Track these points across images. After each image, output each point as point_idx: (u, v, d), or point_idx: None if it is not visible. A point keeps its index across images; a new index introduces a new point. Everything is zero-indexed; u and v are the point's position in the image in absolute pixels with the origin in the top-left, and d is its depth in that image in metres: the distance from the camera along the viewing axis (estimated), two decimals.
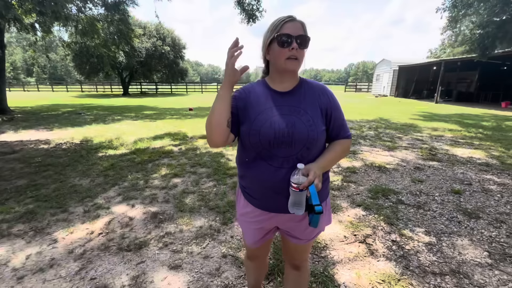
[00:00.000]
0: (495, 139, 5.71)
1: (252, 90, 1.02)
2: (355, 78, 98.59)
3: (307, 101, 0.97)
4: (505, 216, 2.46)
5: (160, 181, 3.31)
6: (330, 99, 1.00)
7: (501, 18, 6.91)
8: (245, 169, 1.02)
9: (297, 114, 0.94)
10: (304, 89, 1.00)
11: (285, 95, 0.98)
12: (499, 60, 14.96)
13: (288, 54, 0.90)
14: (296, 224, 1.05)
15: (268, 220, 1.05)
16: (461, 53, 22.79)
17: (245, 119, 0.97)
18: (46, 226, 2.29)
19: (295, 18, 0.92)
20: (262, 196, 1.00)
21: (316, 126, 0.93)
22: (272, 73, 1.01)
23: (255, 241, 1.15)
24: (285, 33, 0.89)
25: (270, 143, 0.91)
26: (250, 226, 1.11)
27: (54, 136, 5.90)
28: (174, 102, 16.05)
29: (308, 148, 0.92)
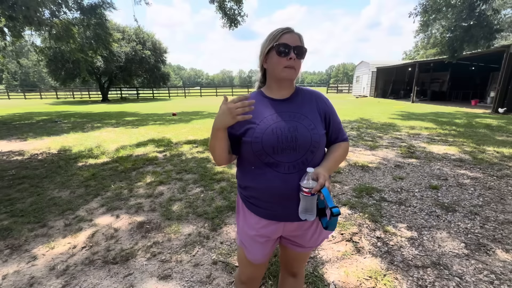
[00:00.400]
0: (467, 135, 6.07)
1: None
2: (336, 79, 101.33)
3: (305, 106, 0.99)
4: (478, 208, 2.63)
5: (145, 189, 3.24)
6: (326, 104, 1.04)
7: (467, 23, 7.43)
8: (250, 179, 0.99)
9: (298, 119, 0.95)
10: (301, 95, 1.03)
11: (283, 102, 1.00)
12: (468, 61, 15.97)
13: (286, 63, 0.93)
14: (303, 232, 1.04)
15: (275, 230, 1.01)
16: (433, 55, 24.09)
17: (246, 130, 0.96)
18: (23, 243, 2.16)
19: (293, 30, 0.96)
20: (270, 204, 0.96)
21: (317, 130, 0.95)
22: (269, 81, 1.03)
23: (263, 254, 1.07)
24: (284, 43, 0.92)
25: (273, 150, 0.91)
26: (257, 240, 1.04)
27: (29, 147, 5.60)
28: (156, 108, 15.72)
29: (312, 151, 0.93)
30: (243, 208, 1.07)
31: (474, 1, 7.65)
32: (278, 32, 0.94)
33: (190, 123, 8.70)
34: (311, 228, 1.03)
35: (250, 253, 1.06)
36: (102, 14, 10.90)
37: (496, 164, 3.96)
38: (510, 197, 2.87)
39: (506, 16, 28.10)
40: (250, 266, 1.13)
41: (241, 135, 0.97)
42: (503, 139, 5.69)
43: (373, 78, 22.12)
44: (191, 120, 9.32)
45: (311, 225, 1.03)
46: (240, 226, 1.09)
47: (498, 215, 2.49)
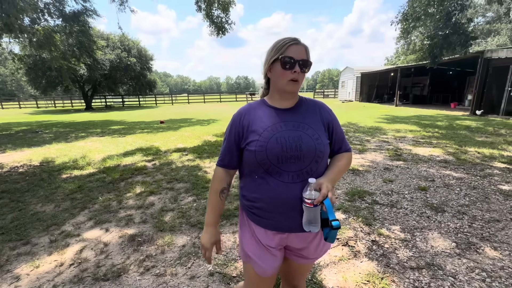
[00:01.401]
0: (449, 137, 6.33)
1: (252, 109, 1.02)
2: (322, 85, 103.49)
3: (309, 116, 0.99)
4: (466, 208, 2.73)
5: (135, 200, 3.14)
6: (330, 114, 1.04)
7: (445, 32, 7.87)
8: (253, 189, 0.98)
9: (302, 128, 0.95)
10: (305, 105, 1.02)
11: (287, 112, 0.99)
12: (446, 66, 16.77)
13: (290, 76, 0.92)
14: (307, 244, 1.01)
15: (280, 241, 0.99)
16: (413, 60, 25.14)
17: (250, 137, 0.96)
18: (5, 263, 2.03)
19: (299, 41, 0.94)
20: (274, 215, 0.94)
21: (321, 140, 0.95)
22: (272, 91, 1.02)
23: (274, 267, 1.02)
24: (289, 56, 0.91)
25: (278, 159, 0.90)
26: (266, 254, 1.00)
27: (8, 159, 5.32)
28: (143, 115, 15.43)
29: (316, 161, 0.92)
30: (248, 220, 1.03)
31: (450, 11, 8.11)
32: (285, 43, 0.92)
33: (178, 130, 8.58)
34: (316, 239, 1.01)
35: (260, 267, 1.00)
36: (86, 21, 10.69)
37: (478, 164, 4.13)
38: (493, 196, 2.99)
39: (479, 24, 29.89)
40: (260, 282, 1.06)
41: (246, 145, 0.96)
42: (483, 139, 5.97)
43: (358, 83, 22.77)
44: (179, 128, 9.20)
45: (315, 236, 1.01)
46: (247, 238, 1.03)
47: (484, 214, 2.59)
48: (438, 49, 8.55)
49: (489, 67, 10.80)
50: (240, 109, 1.04)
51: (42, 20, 9.09)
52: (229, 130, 1.02)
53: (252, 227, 1.01)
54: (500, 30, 31.27)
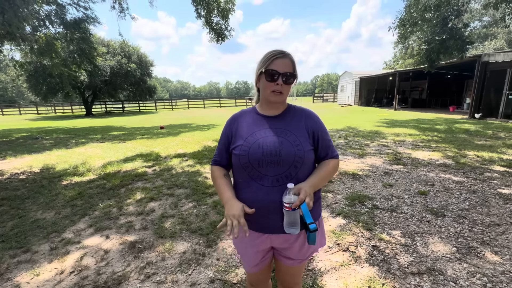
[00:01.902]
0: (448, 141, 6.35)
1: (243, 116, 1.12)
2: (321, 89, 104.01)
3: (293, 123, 1.04)
4: (466, 212, 2.73)
5: (135, 206, 3.14)
6: (316, 122, 1.07)
7: (441, 37, 7.98)
8: (238, 191, 1.04)
9: (284, 135, 1.00)
10: (291, 113, 1.08)
11: (273, 119, 1.06)
12: (444, 70, 16.90)
13: (273, 87, 0.99)
14: (290, 245, 1.06)
15: (263, 242, 1.06)
16: (411, 64, 25.31)
17: (236, 142, 1.04)
18: (5, 271, 2.02)
19: (285, 54, 0.99)
20: (257, 218, 0.99)
21: (302, 146, 0.99)
22: (261, 100, 1.10)
23: (254, 265, 1.14)
24: (273, 69, 0.97)
25: (258, 163, 0.96)
26: (248, 251, 1.11)
27: (8, 166, 5.33)
28: (143, 121, 15.48)
29: (295, 166, 0.96)
30: None
31: (447, 16, 8.21)
32: (270, 57, 0.98)
33: (178, 136, 8.61)
34: (298, 241, 1.05)
35: (244, 263, 1.16)
36: (86, 28, 10.80)
37: (478, 168, 4.14)
38: (493, 200, 3.00)
39: (476, 28, 30.20)
40: (251, 276, 1.20)
41: (232, 149, 1.05)
42: (482, 143, 5.99)
43: (357, 87, 22.90)
44: (179, 133, 9.23)
45: (298, 238, 1.05)
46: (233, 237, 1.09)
47: (484, 218, 2.59)
48: (435, 53, 8.65)
49: (486, 71, 10.88)
50: (233, 114, 1.15)
51: (44, 28, 9.19)
52: (222, 134, 1.13)
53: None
54: (497, 34, 31.60)
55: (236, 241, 1.14)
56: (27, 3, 6.56)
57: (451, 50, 8.20)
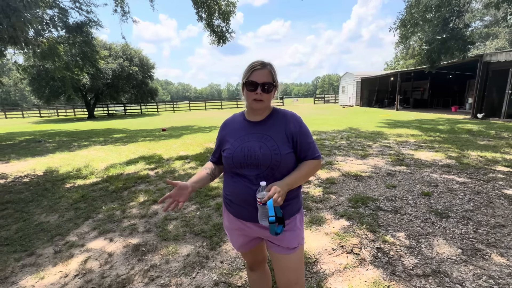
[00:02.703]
0: (451, 141, 6.32)
1: (232, 121, 1.26)
2: (322, 90, 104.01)
3: (274, 129, 1.14)
4: (470, 213, 2.71)
5: (138, 209, 3.14)
6: (297, 126, 1.15)
7: (442, 36, 7.96)
8: (226, 185, 1.21)
9: (264, 140, 1.11)
10: (273, 118, 1.18)
11: (256, 124, 1.17)
12: (445, 70, 16.86)
13: (253, 96, 1.10)
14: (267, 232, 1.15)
15: (247, 228, 1.18)
16: (413, 65, 25.28)
17: (225, 145, 1.19)
18: (10, 274, 2.03)
19: (264, 65, 1.10)
20: (238, 206, 1.15)
21: (279, 150, 1.08)
22: (246, 107, 1.21)
23: (239, 245, 1.28)
24: (252, 80, 1.08)
25: (241, 165, 1.10)
26: (233, 233, 1.26)
27: (12, 169, 5.36)
28: (145, 123, 15.53)
29: (272, 168, 1.08)
30: (224, 208, 1.27)
31: (447, 17, 8.20)
32: (250, 69, 1.10)
33: (180, 138, 8.63)
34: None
35: (232, 243, 1.32)
36: (89, 32, 10.88)
37: (481, 168, 4.12)
38: (498, 201, 2.98)
39: (477, 28, 30.12)
40: (244, 255, 1.37)
41: (222, 151, 1.20)
42: (485, 143, 5.95)
43: (358, 88, 22.88)
44: (181, 135, 9.25)
45: None
46: (224, 220, 1.29)
47: (489, 219, 2.57)
48: (436, 54, 8.64)
49: (488, 71, 10.84)
50: (225, 120, 1.30)
51: (47, 32, 9.26)
52: (217, 136, 1.28)
53: (226, 212, 1.25)
54: (499, 34, 31.49)
55: (225, 225, 1.30)
56: (30, 7, 6.63)
57: (452, 50, 8.19)
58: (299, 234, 1.18)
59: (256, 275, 1.43)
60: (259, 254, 1.37)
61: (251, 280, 1.47)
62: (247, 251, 1.31)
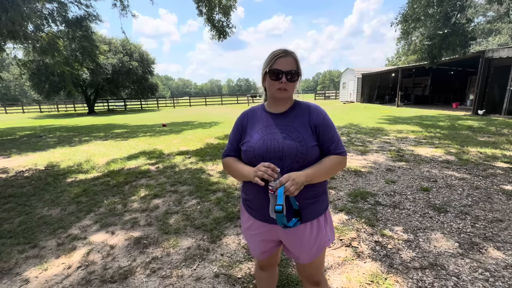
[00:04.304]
0: (451, 137, 6.33)
1: (252, 113, 1.17)
2: (323, 86, 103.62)
3: (298, 120, 1.07)
4: (468, 208, 2.73)
5: (139, 203, 3.17)
6: (320, 117, 1.08)
7: (443, 31, 7.90)
8: (246, 185, 1.12)
9: (288, 132, 1.04)
10: (296, 110, 1.10)
11: (279, 116, 1.10)
12: (447, 66, 16.77)
13: (278, 86, 1.03)
14: (291, 238, 1.09)
15: (268, 232, 1.11)
16: (414, 61, 25.15)
17: (244, 138, 1.11)
18: (14, 266, 2.07)
19: (288, 53, 1.03)
20: (260, 207, 1.06)
21: (305, 142, 1.01)
22: (268, 98, 1.15)
23: (260, 253, 1.21)
24: (277, 68, 1.01)
25: (263, 158, 1.01)
26: (254, 239, 1.18)
27: (13, 164, 5.39)
28: (145, 119, 15.53)
29: (297, 162, 0.99)
30: (244, 210, 1.19)
31: (449, 11, 8.14)
32: (273, 56, 1.03)
33: (181, 133, 8.64)
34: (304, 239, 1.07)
35: (251, 250, 1.25)
36: (88, 26, 10.83)
37: (480, 164, 4.14)
38: (496, 196, 3.00)
39: (479, 23, 29.86)
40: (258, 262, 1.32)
41: (241, 145, 1.11)
42: (485, 139, 5.96)
43: (359, 84, 22.80)
44: (182, 131, 9.26)
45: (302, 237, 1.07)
46: (243, 223, 1.22)
47: (487, 214, 2.60)
48: (437, 49, 8.59)
49: (490, 67, 10.78)
50: (244, 112, 1.21)
51: (46, 26, 9.21)
52: (233, 129, 1.19)
53: (246, 216, 1.18)
54: (501, 29, 31.24)
55: (243, 229, 1.22)
56: (29, 1, 6.58)
57: (453, 46, 8.14)
58: (322, 239, 1.09)
59: (264, 274, 1.39)
60: (274, 258, 1.32)
61: (259, 277, 1.42)
62: (266, 258, 1.25)
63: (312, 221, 1.07)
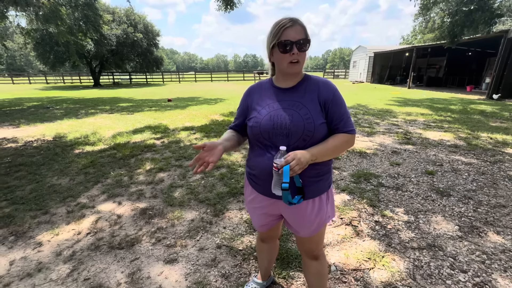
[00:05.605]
0: (462, 121, 6.16)
1: (259, 88, 1.13)
2: (332, 64, 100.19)
3: (307, 96, 1.02)
4: (472, 193, 2.72)
5: (145, 176, 3.24)
6: (330, 93, 1.02)
7: (468, 8, 7.34)
8: (251, 159, 1.12)
9: (296, 108, 1.00)
10: (306, 85, 1.05)
11: (287, 91, 1.05)
12: (465, 46, 15.89)
13: (289, 58, 0.96)
14: (292, 214, 1.11)
15: (270, 206, 1.13)
16: (431, 40, 23.84)
17: (251, 114, 1.09)
18: (27, 230, 2.18)
19: (295, 21, 0.95)
20: (264, 182, 1.05)
21: (313, 119, 0.97)
22: (277, 73, 1.08)
23: (261, 225, 1.26)
24: (286, 39, 0.94)
25: (269, 134, 1.00)
26: (255, 212, 1.22)
27: (22, 134, 5.49)
28: (151, 93, 15.42)
29: (304, 139, 0.97)
30: (247, 183, 1.20)
31: None
32: (280, 28, 0.94)
33: (186, 109, 8.60)
34: (305, 215, 1.09)
35: (253, 222, 1.29)
36: None
37: (489, 150, 4.05)
38: (502, 182, 2.97)
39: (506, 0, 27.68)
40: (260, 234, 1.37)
41: (247, 120, 1.09)
42: (497, 125, 5.79)
43: (370, 63, 21.93)
44: (187, 106, 9.20)
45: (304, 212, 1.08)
46: (246, 197, 1.24)
47: (490, 199, 2.59)
48: (459, 27, 8.04)
49: None
50: (250, 86, 1.17)
51: None
52: (240, 104, 1.18)
53: (249, 189, 1.19)
54: None
55: (246, 202, 1.25)
56: None
57: (477, 24, 7.59)
58: (322, 216, 1.10)
59: (265, 246, 1.43)
60: (275, 231, 1.36)
61: (259, 249, 1.47)
62: (266, 230, 1.29)
63: (314, 198, 1.07)
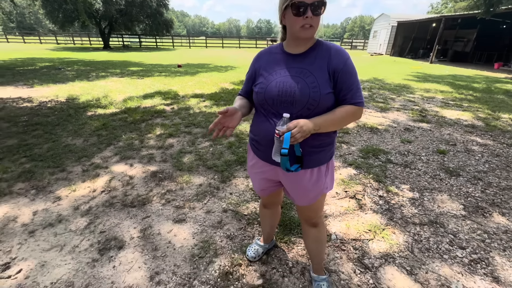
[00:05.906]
0: (483, 101, 5.85)
1: (268, 53, 1.09)
2: (351, 34, 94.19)
3: (316, 63, 0.97)
4: (483, 174, 2.67)
5: (155, 141, 3.31)
6: (341, 62, 0.96)
7: None
8: (254, 125, 1.13)
9: (303, 75, 0.96)
10: (317, 51, 0.99)
11: (297, 57, 1.01)
12: (500, 18, 14.46)
13: (302, 22, 0.91)
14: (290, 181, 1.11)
15: (270, 171, 1.15)
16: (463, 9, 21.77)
17: (258, 80, 1.07)
18: (47, 185, 2.32)
19: None
20: (266, 148, 1.05)
21: (319, 89, 0.93)
22: (288, 37, 1.03)
23: (261, 189, 1.29)
24: (300, 1, 0.87)
25: (273, 101, 0.98)
26: (256, 177, 1.24)
27: (36, 94, 5.59)
28: (160, 58, 15.11)
29: (308, 108, 0.94)
30: (249, 148, 1.22)
31: None
32: None
33: (196, 76, 8.45)
34: (302, 184, 1.10)
35: (253, 186, 1.33)
36: None
37: (508, 132, 3.89)
38: None
39: None
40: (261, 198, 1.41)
41: (254, 86, 1.08)
42: None
43: (392, 33, 20.46)
44: (197, 73, 9.03)
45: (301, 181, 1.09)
46: (248, 162, 1.26)
47: (501, 182, 2.54)
48: None
49: None
50: (259, 52, 1.14)
51: None
52: (249, 69, 1.15)
53: (251, 155, 1.21)
54: None
55: (248, 167, 1.28)
56: None
57: None
58: (320, 186, 1.11)
59: (268, 212, 1.48)
60: (276, 197, 1.39)
61: (262, 214, 1.52)
62: (266, 195, 1.33)
63: (313, 168, 1.06)
